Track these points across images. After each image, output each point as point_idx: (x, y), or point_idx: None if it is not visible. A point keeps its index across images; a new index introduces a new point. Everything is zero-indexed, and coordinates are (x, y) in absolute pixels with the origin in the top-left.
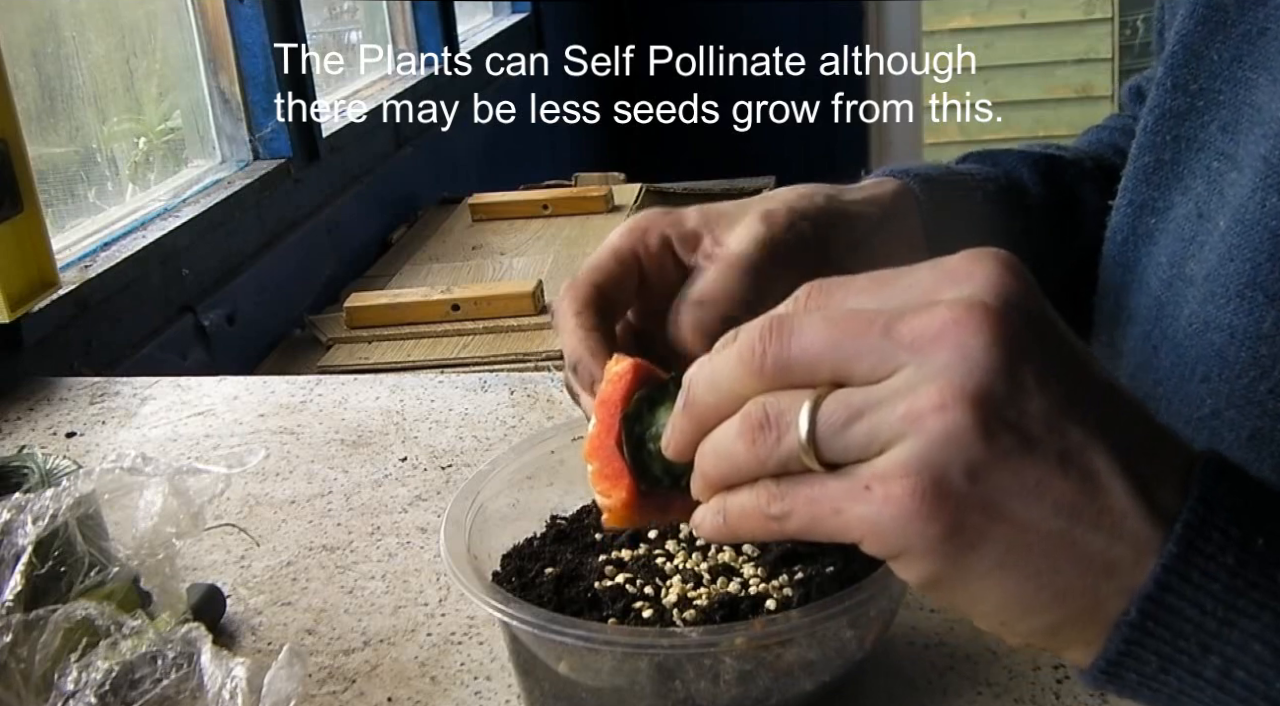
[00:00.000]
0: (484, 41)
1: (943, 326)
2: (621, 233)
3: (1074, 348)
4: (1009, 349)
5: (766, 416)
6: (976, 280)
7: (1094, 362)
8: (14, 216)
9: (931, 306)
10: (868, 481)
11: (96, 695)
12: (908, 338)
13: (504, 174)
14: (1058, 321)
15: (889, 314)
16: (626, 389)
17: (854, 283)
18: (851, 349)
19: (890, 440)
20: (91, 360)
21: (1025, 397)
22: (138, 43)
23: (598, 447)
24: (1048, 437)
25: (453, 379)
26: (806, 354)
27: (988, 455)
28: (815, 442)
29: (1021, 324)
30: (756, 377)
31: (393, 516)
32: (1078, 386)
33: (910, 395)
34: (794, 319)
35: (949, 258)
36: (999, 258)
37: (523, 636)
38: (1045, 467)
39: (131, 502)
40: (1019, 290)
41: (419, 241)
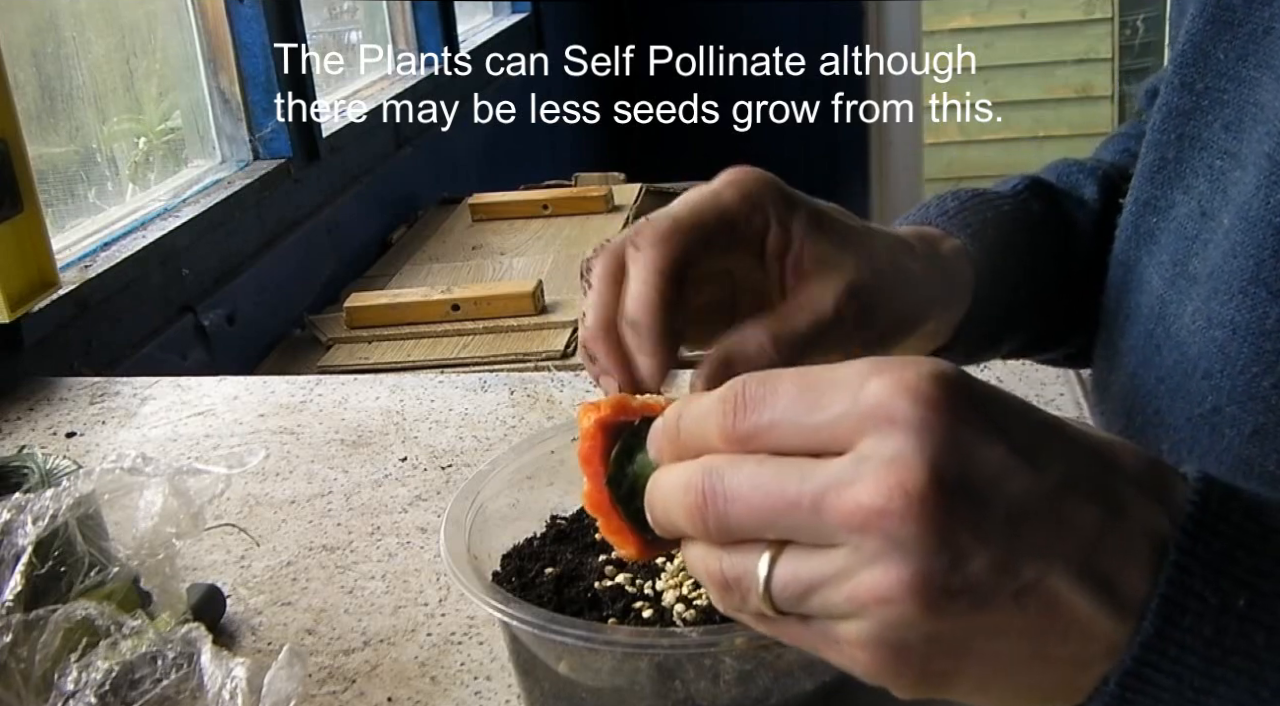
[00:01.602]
0: (484, 41)
1: (868, 515)
2: (733, 193)
3: (1012, 455)
4: (939, 526)
5: (725, 580)
6: (899, 428)
7: (1038, 451)
8: (14, 216)
9: (855, 483)
10: (834, 638)
11: (96, 695)
12: (837, 519)
13: (504, 174)
14: (991, 437)
15: (816, 487)
16: (600, 448)
17: (776, 396)
18: (787, 523)
19: (844, 616)
20: (91, 360)
21: (967, 562)
22: (138, 43)
23: (595, 504)
24: (998, 587)
25: (453, 379)
26: (744, 524)
27: (941, 624)
28: (777, 608)
29: (951, 482)
30: (705, 538)
31: (393, 516)
32: (1022, 514)
33: (852, 580)
34: (726, 483)
35: (872, 379)
36: (917, 386)
37: (523, 636)
38: (1002, 612)
39: (131, 502)
40: (944, 427)
41: (419, 241)
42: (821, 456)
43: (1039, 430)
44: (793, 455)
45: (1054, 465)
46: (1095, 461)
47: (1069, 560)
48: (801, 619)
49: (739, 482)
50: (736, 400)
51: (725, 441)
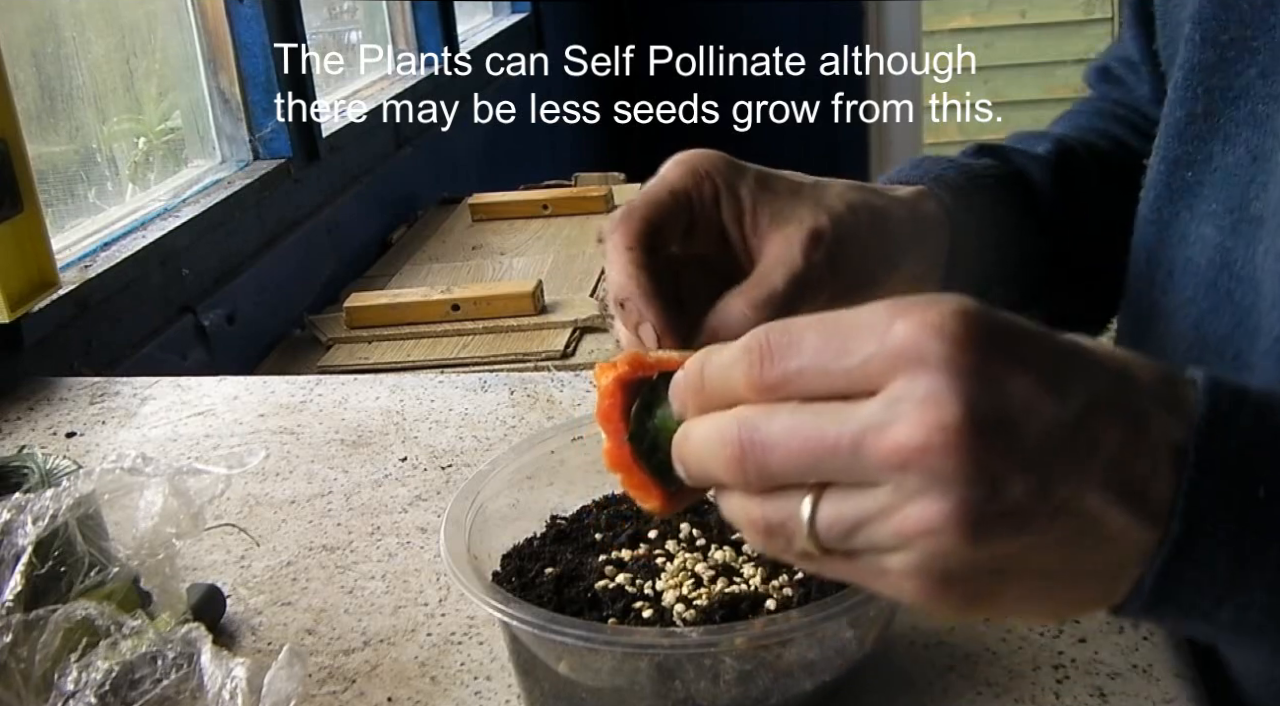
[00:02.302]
0: (484, 41)
1: (909, 453)
2: (680, 170)
3: (1039, 384)
4: (977, 457)
5: (769, 526)
6: (929, 367)
7: (1063, 377)
8: (14, 216)
9: (893, 424)
10: (880, 570)
11: (96, 695)
12: (877, 459)
13: (504, 174)
14: (1018, 367)
15: (855, 429)
16: (620, 405)
17: (802, 343)
18: (827, 467)
19: (890, 548)
20: (91, 360)
21: (1005, 490)
22: (138, 43)
23: (616, 461)
24: (1036, 509)
25: (453, 379)
26: (785, 470)
27: (983, 550)
28: (823, 548)
29: (985, 415)
30: (745, 488)
31: (393, 516)
32: (1053, 439)
33: (896, 515)
34: (763, 433)
35: (897, 321)
36: (943, 325)
37: (523, 636)
38: (1040, 533)
39: (131, 503)
40: (973, 363)
41: (419, 241)
42: (850, 398)
43: (1062, 356)
44: (821, 400)
45: (1079, 389)
46: (1115, 381)
47: (1099, 477)
48: (846, 555)
49: (776, 431)
50: (761, 350)
51: (753, 391)
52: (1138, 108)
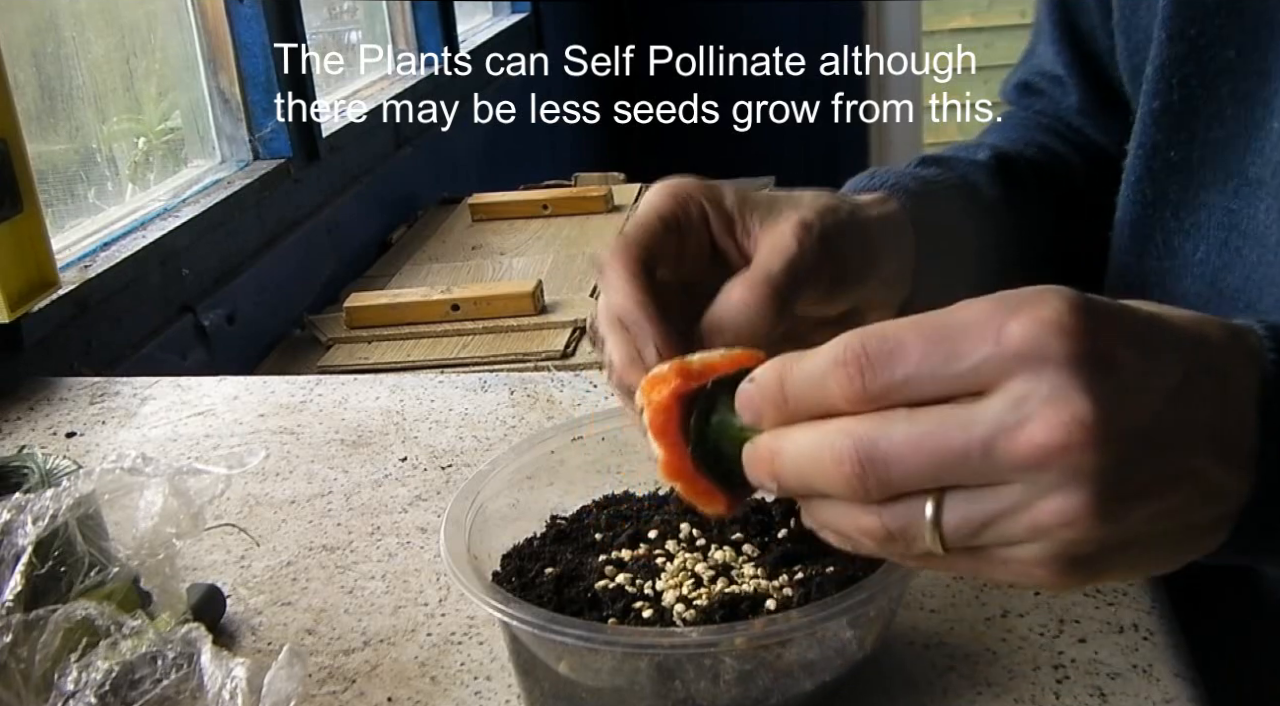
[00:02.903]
0: (484, 41)
1: (1048, 452)
2: (664, 197)
3: (1146, 361)
4: (1116, 447)
5: (890, 533)
6: (1052, 365)
7: (1161, 349)
8: (14, 216)
9: (1025, 425)
10: (1005, 560)
11: (96, 695)
12: (1011, 461)
13: (504, 174)
14: (1126, 351)
15: (984, 433)
16: (677, 419)
17: (905, 350)
18: (956, 472)
19: (1020, 541)
20: (91, 360)
21: (1136, 471)
22: (138, 43)
23: (676, 471)
24: (1159, 481)
25: (453, 379)
26: (909, 479)
27: (1116, 530)
28: (948, 549)
29: (1112, 405)
30: (864, 501)
31: (393, 516)
32: (1166, 412)
33: (1030, 510)
34: (883, 449)
35: (1011, 321)
36: (1059, 320)
37: (523, 636)
38: (1162, 500)
39: (131, 503)
40: (1092, 355)
41: (419, 241)
42: (956, 400)
43: (1154, 329)
44: (926, 404)
45: (1175, 358)
46: (1200, 346)
47: (1205, 439)
48: (970, 550)
49: (897, 444)
50: (860, 360)
51: (853, 403)
52: (1062, 117)
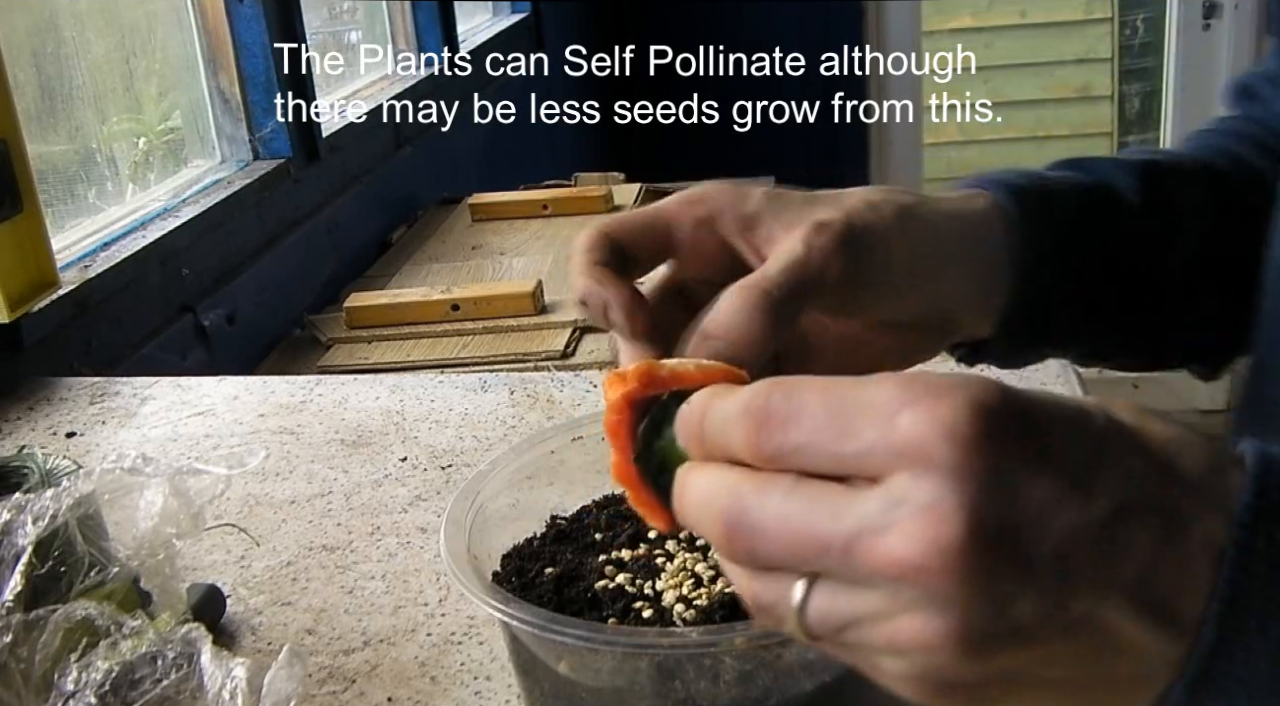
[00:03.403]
0: (484, 41)
1: (904, 568)
2: (676, 200)
3: (1061, 486)
4: (981, 579)
5: (758, 602)
6: (934, 471)
7: (1091, 476)
8: (14, 216)
9: (888, 531)
10: (875, 667)
11: (96, 695)
12: (870, 568)
13: (504, 174)
14: (1037, 469)
15: (850, 530)
16: (628, 422)
17: (802, 416)
18: (819, 562)
19: (883, 654)
20: (91, 360)
21: (1012, 607)
22: (138, 43)
23: (623, 476)
24: (1047, 625)
25: (453, 379)
26: (774, 557)
27: (987, 666)
28: (813, 639)
29: (992, 531)
30: (733, 560)
31: (393, 516)
32: (1072, 548)
33: (889, 624)
34: (753, 517)
35: (905, 410)
36: (954, 423)
37: (523, 636)
38: (1053, 646)
39: (131, 503)
40: (984, 471)
41: (419, 241)
42: (853, 480)
43: (1094, 449)
44: (823, 476)
45: (1108, 489)
46: (1153, 475)
47: (1122, 589)
48: (839, 645)
49: (766, 517)
50: (761, 415)
51: (751, 456)
52: (1272, 127)
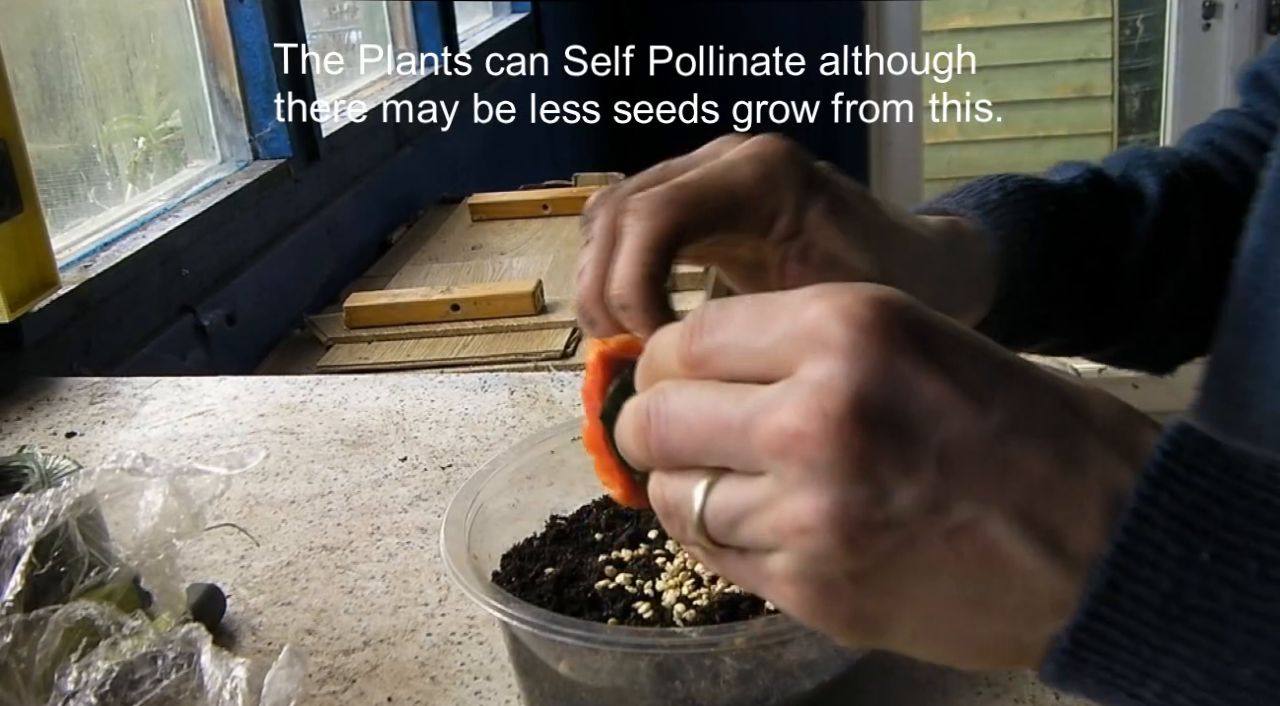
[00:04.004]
0: (484, 41)
1: (788, 439)
2: (750, 169)
3: (956, 391)
4: (858, 453)
5: (666, 505)
6: (829, 351)
7: (988, 389)
8: (14, 216)
9: (780, 407)
10: (768, 574)
11: (96, 695)
12: (761, 444)
13: (504, 174)
14: (932, 370)
15: (748, 410)
16: (600, 383)
17: (730, 319)
18: (720, 449)
19: (771, 547)
20: (91, 360)
21: (890, 496)
22: (138, 43)
23: (592, 441)
24: (926, 525)
25: (453, 379)
26: (682, 447)
27: (865, 563)
28: (712, 539)
29: (876, 410)
30: (647, 457)
31: (393, 516)
32: (958, 452)
33: (775, 509)
34: (668, 404)
35: (812, 302)
36: (855, 312)
37: (523, 636)
38: (934, 552)
39: (132, 503)
40: (878, 354)
41: (419, 241)
42: (771, 381)
43: (993, 369)
44: (744, 380)
45: (1003, 405)
46: (1056, 407)
47: (1009, 506)
48: (739, 552)
49: (678, 404)
50: (694, 324)
51: (683, 366)
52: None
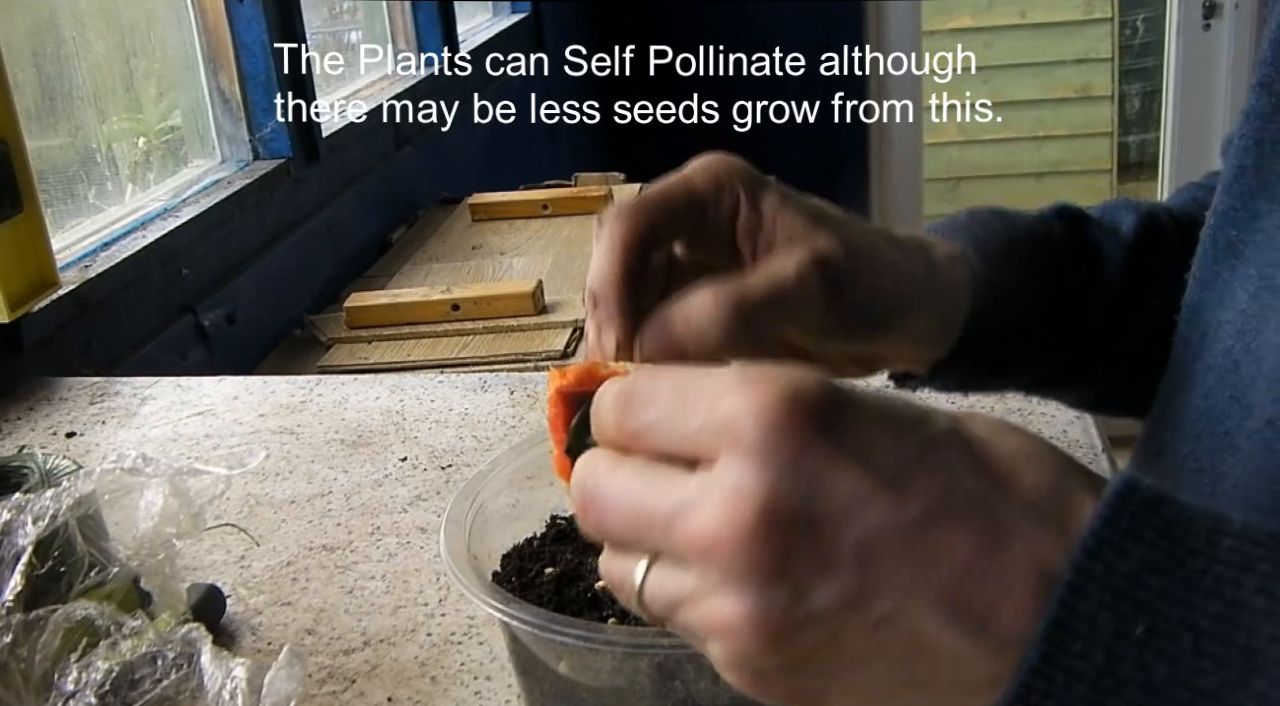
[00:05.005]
0: (484, 41)
1: (706, 544)
2: (703, 177)
3: (873, 482)
4: (775, 558)
5: (611, 579)
6: (742, 451)
7: (907, 477)
8: (14, 216)
9: (698, 507)
10: (711, 656)
11: (96, 695)
12: (684, 544)
13: (504, 174)
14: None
15: (672, 506)
16: (563, 416)
17: (657, 396)
18: (649, 541)
19: (704, 638)
20: (91, 360)
21: (810, 595)
22: (138, 42)
23: (561, 469)
24: (850, 619)
25: (453, 379)
26: (616, 533)
27: (792, 657)
28: (653, 620)
29: (788, 513)
30: (592, 534)
31: (393, 516)
32: (876, 544)
33: (702, 605)
34: (601, 489)
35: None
36: (768, 411)
37: (523, 636)
38: (860, 643)
39: (132, 503)
40: (788, 455)
41: (419, 241)
42: (698, 463)
43: (912, 451)
44: (674, 458)
45: (923, 491)
46: (979, 485)
47: (933, 594)
48: (675, 625)
49: (611, 490)
50: (626, 396)
51: (617, 436)
52: None
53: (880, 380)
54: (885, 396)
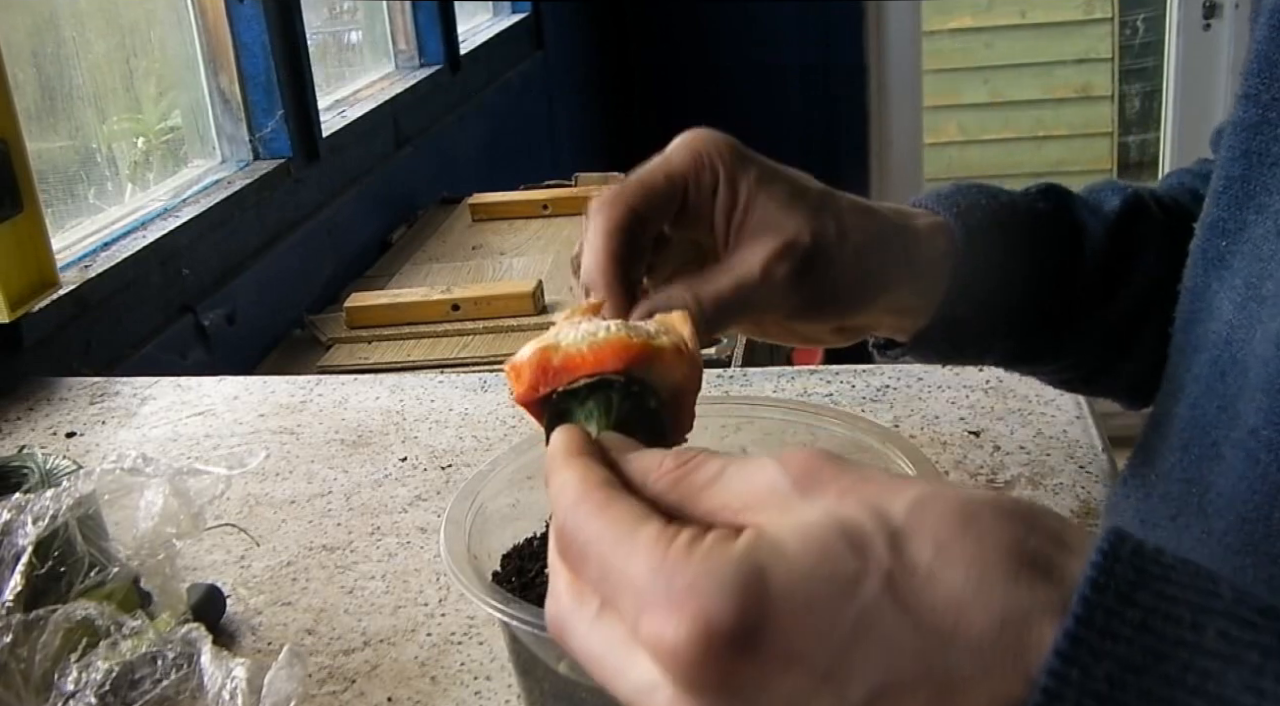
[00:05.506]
0: (484, 41)
1: None
2: (682, 156)
3: (811, 679)
4: None
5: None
6: (673, 677)
7: (846, 664)
8: (14, 216)
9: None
10: None
11: (96, 695)
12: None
13: (504, 174)
14: (781, 670)
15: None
16: (537, 416)
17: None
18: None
19: None
20: (91, 360)
21: None
22: (137, 42)
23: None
24: None
25: (453, 379)
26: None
27: None
28: None
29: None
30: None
31: (393, 516)
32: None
33: None
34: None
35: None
36: (681, 653)
37: (523, 636)
38: None
39: (132, 503)
40: (715, 685)
41: (419, 241)
42: None
43: (844, 637)
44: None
45: (860, 675)
46: (923, 645)
47: None
48: None
49: (577, 646)
50: (561, 543)
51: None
52: None
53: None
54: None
